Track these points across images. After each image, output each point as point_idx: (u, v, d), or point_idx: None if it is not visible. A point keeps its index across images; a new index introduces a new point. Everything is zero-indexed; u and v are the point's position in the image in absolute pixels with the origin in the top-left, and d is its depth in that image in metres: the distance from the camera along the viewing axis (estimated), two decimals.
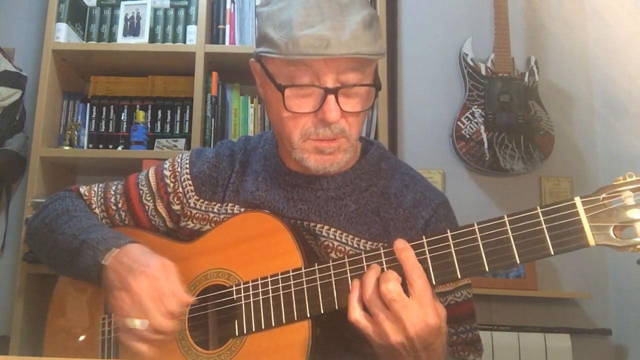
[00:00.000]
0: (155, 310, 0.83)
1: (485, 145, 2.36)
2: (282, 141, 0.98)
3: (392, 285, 0.76)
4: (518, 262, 0.74)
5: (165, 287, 0.85)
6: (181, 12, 2.27)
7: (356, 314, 0.79)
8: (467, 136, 2.38)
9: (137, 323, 0.83)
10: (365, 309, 0.79)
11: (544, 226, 0.73)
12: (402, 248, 0.79)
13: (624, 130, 2.30)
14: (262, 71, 0.95)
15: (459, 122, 2.40)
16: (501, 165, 2.34)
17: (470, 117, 2.40)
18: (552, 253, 0.72)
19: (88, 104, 2.30)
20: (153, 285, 0.84)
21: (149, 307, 0.83)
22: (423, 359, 0.78)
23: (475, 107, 2.41)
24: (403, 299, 0.75)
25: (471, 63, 2.46)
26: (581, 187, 2.41)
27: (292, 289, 0.86)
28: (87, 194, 1.14)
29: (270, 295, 0.87)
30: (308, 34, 0.84)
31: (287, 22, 0.87)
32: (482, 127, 2.39)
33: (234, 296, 0.91)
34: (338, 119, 0.88)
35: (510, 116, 2.39)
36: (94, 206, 1.13)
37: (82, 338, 1.04)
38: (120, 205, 1.11)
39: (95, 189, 1.15)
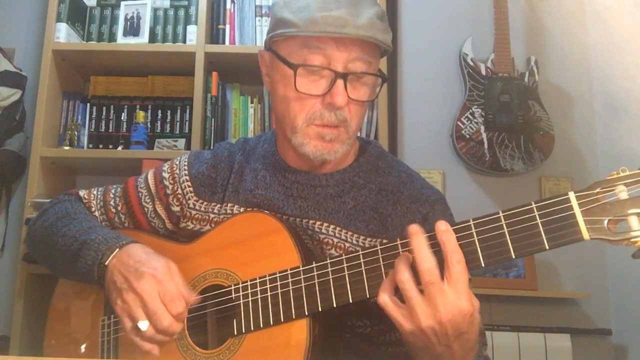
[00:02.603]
0: (162, 312, 0.83)
1: (485, 145, 2.36)
2: (285, 127, 0.99)
3: (431, 267, 0.74)
4: (513, 256, 0.74)
5: (172, 289, 0.85)
6: (181, 12, 2.27)
7: (385, 297, 0.76)
8: (467, 136, 2.38)
9: (145, 325, 0.83)
10: (396, 293, 0.77)
11: (538, 221, 0.73)
12: (445, 230, 0.75)
13: (624, 130, 2.30)
14: (272, 58, 0.98)
15: (459, 122, 2.40)
16: (501, 165, 2.34)
17: (470, 117, 2.40)
18: (547, 247, 0.72)
19: (88, 104, 2.30)
20: (159, 286, 0.84)
21: (156, 309, 0.83)
22: (454, 348, 0.76)
23: (475, 107, 2.41)
24: (440, 283, 0.73)
25: (471, 63, 2.46)
26: (581, 187, 2.36)
27: (290, 288, 0.86)
28: (86, 197, 1.15)
29: (269, 294, 0.87)
30: (326, 14, 0.88)
31: (305, 6, 0.91)
32: (482, 127, 2.39)
33: (233, 296, 0.91)
34: (344, 104, 0.91)
35: (510, 116, 2.39)
36: (93, 209, 1.13)
37: (81, 339, 1.05)
38: (119, 208, 1.11)
39: (95, 192, 1.15)
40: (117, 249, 0.92)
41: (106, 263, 0.91)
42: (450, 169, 2.46)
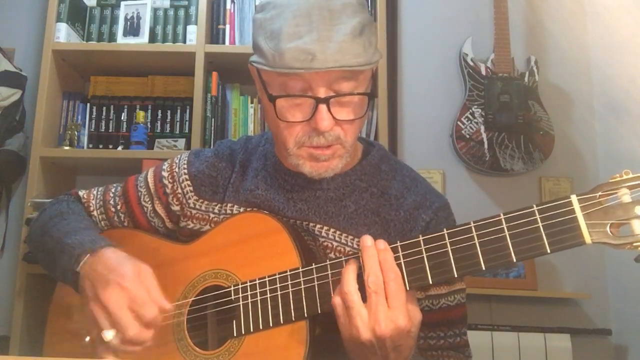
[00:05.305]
0: (127, 321, 0.81)
1: (485, 145, 2.36)
2: (278, 145, 0.99)
3: (376, 278, 0.77)
4: (514, 260, 0.74)
5: (141, 294, 0.83)
6: (181, 12, 2.27)
7: (338, 298, 0.80)
8: (467, 136, 2.38)
9: (110, 335, 0.81)
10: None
11: (540, 224, 0.73)
12: (383, 249, 0.80)
13: (624, 130, 2.30)
14: (258, 77, 0.95)
15: (459, 122, 2.40)
16: (501, 165, 2.34)
17: (470, 117, 2.40)
18: (549, 251, 0.72)
19: (88, 104, 2.30)
20: (125, 295, 0.82)
21: (120, 318, 0.81)
22: (391, 358, 0.79)
23: (475, 107, 2.41)
24: (383, 295, 0.77)
25: (471, 63, 2.45)
26: (581, 187, 2.41)
27: (290, 290, 0.86)
28: (85, 197, 1.14)
29: (268, 295, 0.87)
30: (293, 46, 0.83)
31: (276, 32, 0.86)
32: (482, 127, 2.39)
33: (232, 297, 0.91)
34: (330, 128, 0.88)
35: (510, 116, 2.39)
36: (92, 208, 1.13)
37: (82, 338, 1.05)
38: (119, 207, 1.11)
39: (95, 192, 1.15)
40: (88, 255, 0.90)
41: (77, 269, 0.89)
42: (450, 169, 2.46)
